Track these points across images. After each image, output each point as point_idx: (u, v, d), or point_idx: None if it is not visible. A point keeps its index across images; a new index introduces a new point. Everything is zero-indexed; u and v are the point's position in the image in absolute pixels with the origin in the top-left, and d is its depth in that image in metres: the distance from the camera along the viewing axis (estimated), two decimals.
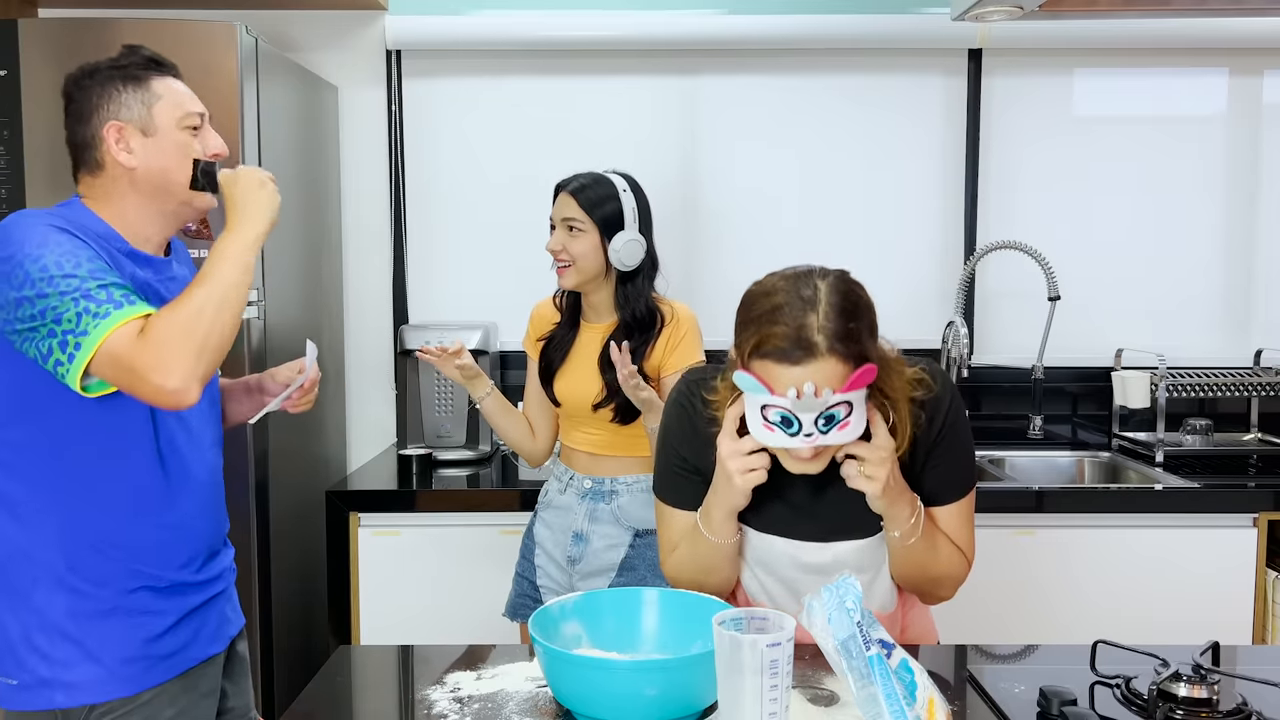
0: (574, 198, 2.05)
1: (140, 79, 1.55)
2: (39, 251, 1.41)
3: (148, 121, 1.54)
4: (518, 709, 1.32)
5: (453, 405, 2.80)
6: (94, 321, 1.38)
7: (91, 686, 1.51)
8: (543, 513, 2.20)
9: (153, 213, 1.56)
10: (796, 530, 1.51)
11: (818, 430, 1.32)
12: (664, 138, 3.03)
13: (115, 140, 1.52)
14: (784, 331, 1.30)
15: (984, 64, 3.01)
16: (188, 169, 1.56)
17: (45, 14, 2.93)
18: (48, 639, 1.50)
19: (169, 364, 1.38)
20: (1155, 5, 2.70)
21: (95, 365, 1.40)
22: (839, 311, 1.31)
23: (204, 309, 1.43)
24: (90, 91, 1.54)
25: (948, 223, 3.04)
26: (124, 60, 1.56)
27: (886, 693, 1.14)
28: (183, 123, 1.56)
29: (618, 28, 2.95)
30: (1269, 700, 1.28)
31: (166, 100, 1.55)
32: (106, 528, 1.52)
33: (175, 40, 2.26)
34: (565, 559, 2.12)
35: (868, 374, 1.32)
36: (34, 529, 1.51)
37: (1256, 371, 2.97)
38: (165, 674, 1.56)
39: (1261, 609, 2.48)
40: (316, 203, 2.83)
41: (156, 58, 1.58)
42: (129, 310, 1.40)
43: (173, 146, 1.54)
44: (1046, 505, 2.47)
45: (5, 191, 2.27)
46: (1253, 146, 3.04)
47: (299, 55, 2.94)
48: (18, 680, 1.51)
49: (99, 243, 1.49)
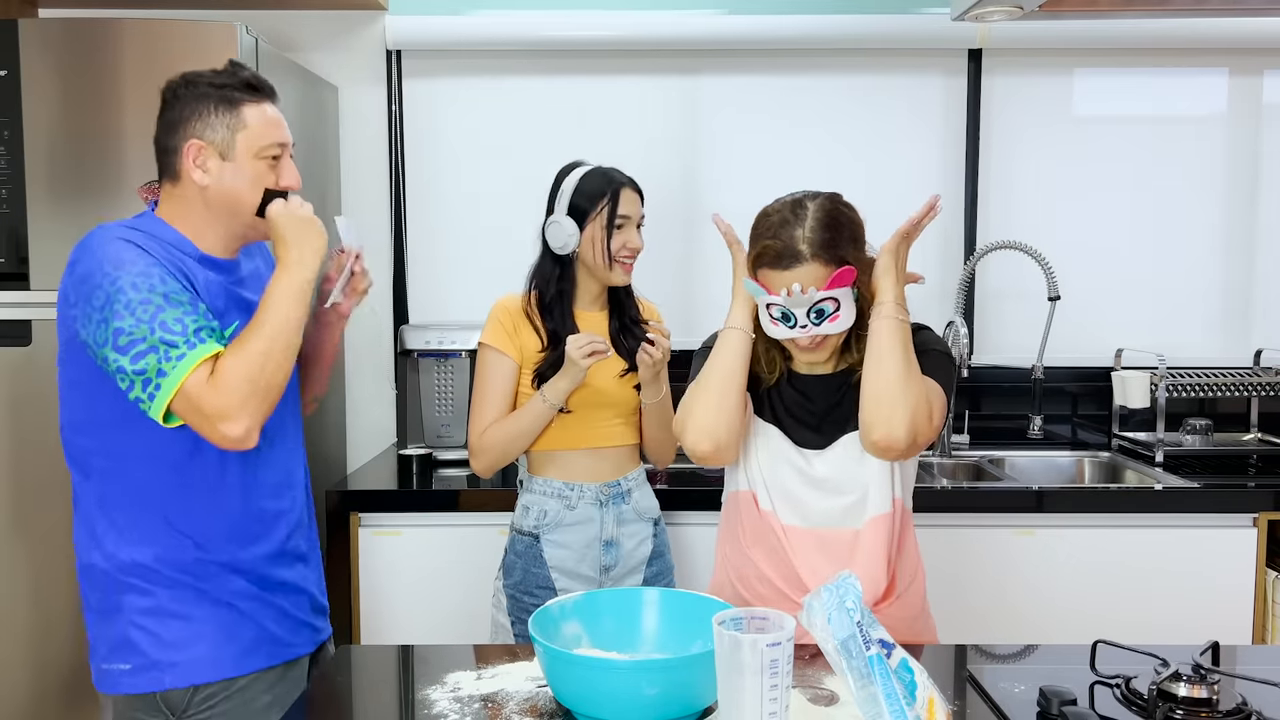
0: (638, 193, 2.08)
1: (233, 102, 1.59)
2: (116, 272, 1.49)
3: (228, 146, 1.59)
4: (518, 709, 1.32)
5: (453, 405, 2.80)
6: (172, 364, 1.47)
7: (198, 666, 1.59)
8: (552, 535, 2.05)
9: (221, 227, 1.63)
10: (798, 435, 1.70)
11: (811, 322, 1.60)
12: (665, 138, 3.03)
13: (193, 158, 1.58)
14: (775, 244, 1.59)
15: (984, 64, 3.01)
16: (258, 197, 1.61)
17: (45, 14, 2.93)
18: (158, 621, 1.59)
19: (235, 413, 1.49)
20: (1155, 5, 2.70)
21: (174, 405, 1.50)
22: (822, 225, 1.59)
23: (269, 354, 1.52)
24: (184, 103, 1.59)
25: (948, 222, 3.04)
26: (223, 79, 1.61)
27: (886, 692, 1.14)
28: (262, 153, 1.61)
29: (618, 28, 2.95)
30: (1269, 700, 1.28)
31: (252, 129, 1.60)
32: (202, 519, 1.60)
33: (175, 40, 2.26)
34: (598, 570, 2.06)
35: (846, 275, 1.58)
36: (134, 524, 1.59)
37: (1256, 371, 2.97)
38: (264, 661, 1.65)
39: (1261, 609, 2.48)
40: (316, 203, 2.82)
41: (255, 81, 1.63)
42: (201, 351, 1.49)
43: (247, 174, 1.60)
44: (1046, 505, 2.47)
45: (5, 191, 2.27)
46: (1253, 146, 3.04)
47: (299, 55, 2.94)
48: (130, 664, 1.59)
49: (170, 251, 1.57)
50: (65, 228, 2.28)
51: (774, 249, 1.59)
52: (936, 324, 2.98)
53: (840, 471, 1.67)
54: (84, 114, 2.27)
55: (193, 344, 1.48)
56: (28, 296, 2.29)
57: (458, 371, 2.79)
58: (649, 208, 2.14)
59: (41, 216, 2.28)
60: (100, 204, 2.28)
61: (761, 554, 1.70)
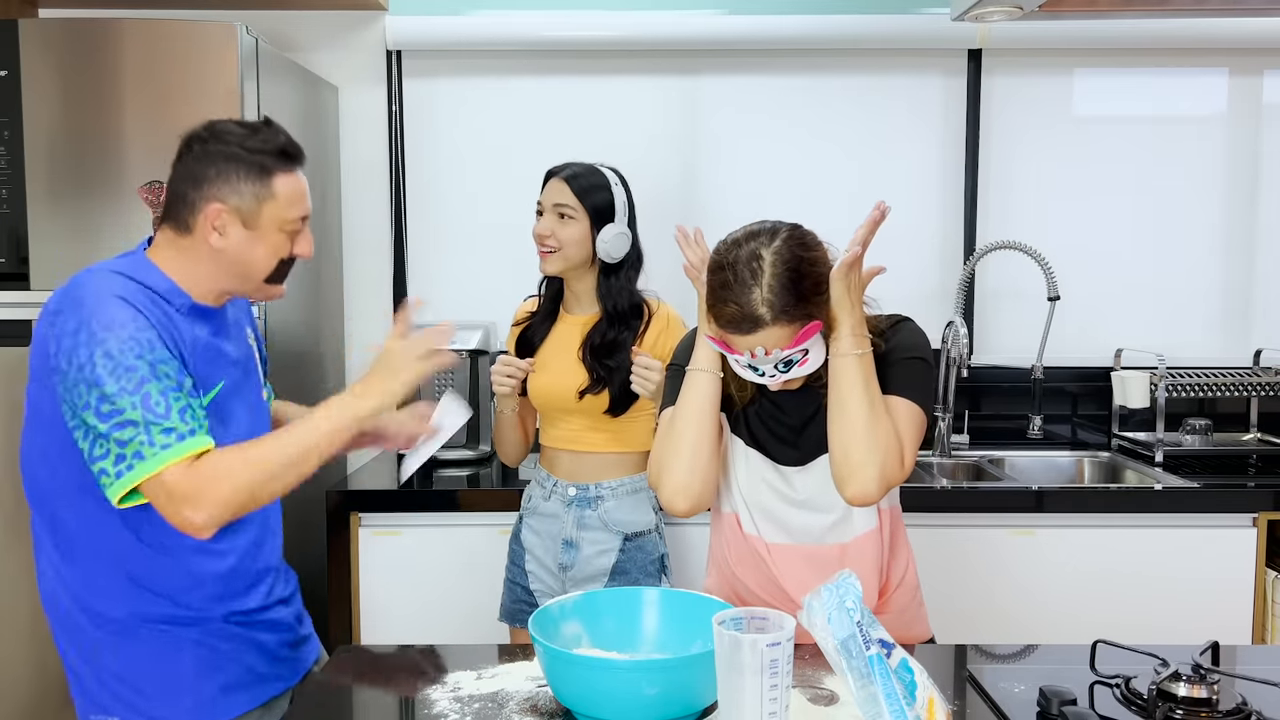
0: (567, 184, 2.05)
1: (266, 170, 1.50)
2: (105, 335, 1.40)
3: (253, 216, 1.50)
4: (518, 709, 1.32)
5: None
6: (154, 450, 1.39)
7: (186, 716, 1.54)
8: (529, 519, 2.17)
9: (225, 284, 1.56)
10: (778, 453, 1.64)
11: (779, 372, 1.51)
12: (664, 138, 3.03)
13: (213, 221, 1.49)
14: (733, 311, 1.47)
15: (984, 64, 3.01)
16: (272, 266, 1.55)
17: (45, 14, 2.93)
18: (141, 675, 1.53)
19: (208, 500, 1.40)
20: (1155, 5, 2.70)
21: (142, 487, 1.41)
22: (781, 285, 1.46)
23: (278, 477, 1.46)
24: (211, 159, 1.49)
25: (947, 222, 3.04)
26: (257, 144, 1.51)
27: (886, 692, 1.14)
28: (285, 226, 1.54)
29: (618, 28, 2.95)
30: (1269, 700, 1.28)
31: (279, 201, 1.52)
32: (169, 568, 1.53)
33: (175, 40, 2.26)
34: (557, 565, 2.11)
35: (811, 330, 1.48)
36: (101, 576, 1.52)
37: (1256, 371, 2.97)
38: (250, 702, 1.59)
39: (1261, 609, 2.48)
40: (317, 203, 2.82)
41: (290, 149, 1.54)
42: (190, 445, 1.41)
43: (267, 245, 1.53)
44: (1046, 505, 2.47)
45: (5, 192, 2.27)
46: (1253, 146, 3.04)
47: (299, 55, 2.94)
48: (117, 717, 1.53)
49: (160, 305, 1.47)
50: (65, 228, 2.28)
51: (732, 315, 1.47)
52: (936, 324, 2.99)
53: (822, 489, 1.60)
54: (84, 114, 2.27)
55: (181, 435, 1.40)
56: (28, 296, 2.29)
57: (458, 372, 2.79)
58: (647, 207, 2.15)
59: (41, 216, 2.28)
60: (100, 204, 2.28)
61: (747, 572, 1.67)
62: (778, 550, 1.64)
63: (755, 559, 1.65)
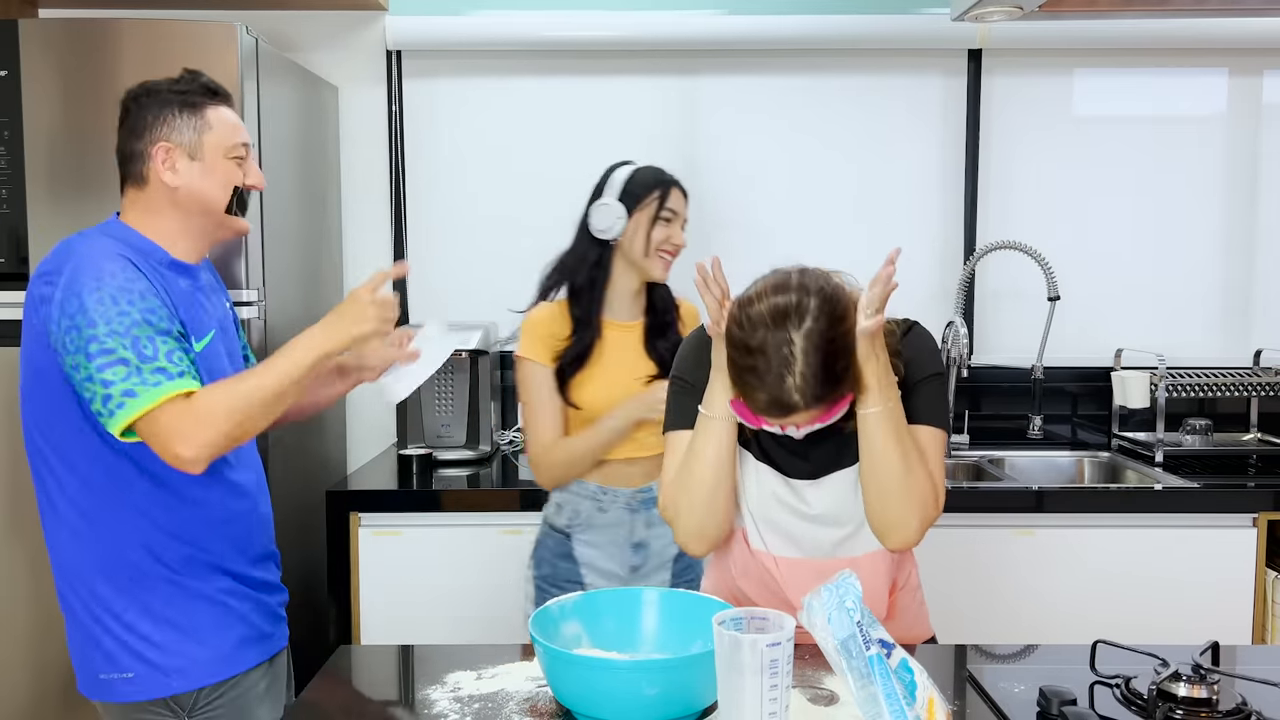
0: (685, 196, 2.11)
1: (196, 106, 1.64)
2: (96, 284, 1.50)
3: (196, 147, 1.63)
4: (518, 709, 1.32)
5: (452, 405, 2.80)
6: (146, 388, 1.48)
7: (202, 669, 1.62)
8: (583, 534, 2.07)
9: (192, 228, 1.66)
10: (789, 468, 1.58)
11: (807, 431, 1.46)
12: (664, 138, 3.03)
13: (162, 160, 1.61)
14: (765, 399, 1.39)
15: (984, 64, 3.01)
16: (228, 195, 1.66)
17: (45, 14, 2.93)
18: (156, 628, 1.60)
19: (197, 437, 1.49)
20: (1155, 5, 2.70)
21: (137, 425, 1.49)
22: (815, 372, 1.37)
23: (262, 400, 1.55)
24: (146, 110, 1.63)
25: (947, 223, 3.04)
26: (184, 86, 1.65)
27: (886, 692, 1.14)
28: (229, 153, 1.66)
29: (618, 28, 2.95)
30: (1269, 700, 1.28)
31: (217, 130, 1.64)
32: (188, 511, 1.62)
33: (175, 40, 2.26)
34: (628, 570, 2.08)
35: (845, 402, 1.42)
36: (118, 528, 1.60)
37: (1256, 371, 2.97)
38: (259, 656, 1.70)
39: (1261, 609, 2.48)
40: (317, 203, 2.83)
41: (214, 86, 1.67)
42: (180, 384, 1.50)
43: (217, 173, 1.64)
44: (1046, 505, 2.47)
45: (5, 191, 2.27)
46: (1253, 147, 3.04)
47: (299, 55, 2.94)
48: (134, 672, 1.60)
49: (145, 261, 1.58)
50: (65, 228, 2.27)
51: (765, 402, 1.39)
52: (936, 324, 2.99)
53: (834, 504, 1.57)
54: (84, 114, 2.27)
55: (171, 375, 1.49)
56: None
57: (458, 371, 2.79)
58: None
59: (41, 216, 2.28)
60: (100, 204, 2.27)
61: (750, 585, 1.63)
62: (786, 564, 1.60)
63: (761, 573, 1.61)
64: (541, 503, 2.19)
